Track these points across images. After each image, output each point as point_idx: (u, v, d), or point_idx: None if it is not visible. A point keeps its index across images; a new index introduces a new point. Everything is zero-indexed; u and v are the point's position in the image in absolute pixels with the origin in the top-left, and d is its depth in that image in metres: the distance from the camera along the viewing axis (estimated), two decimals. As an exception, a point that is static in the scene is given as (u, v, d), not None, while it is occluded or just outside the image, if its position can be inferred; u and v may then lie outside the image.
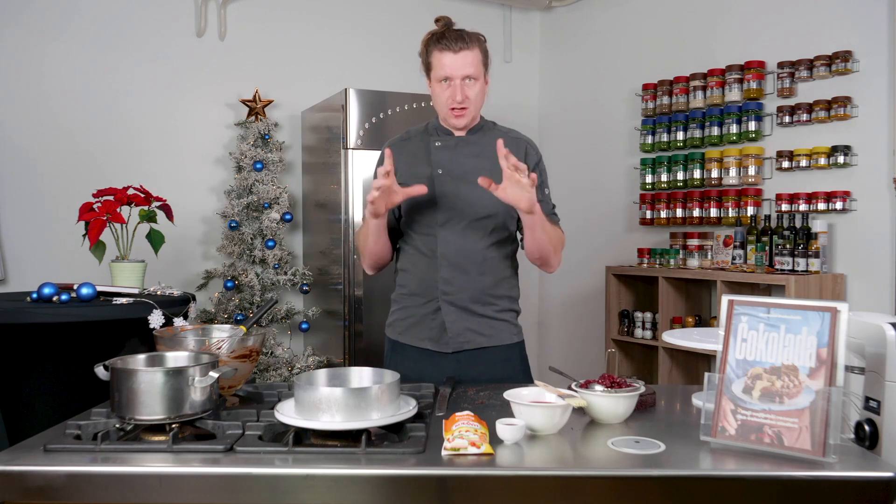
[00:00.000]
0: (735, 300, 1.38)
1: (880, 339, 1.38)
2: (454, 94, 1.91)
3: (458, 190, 1.96)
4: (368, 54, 4.45)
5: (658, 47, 4.25)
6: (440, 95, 1.94)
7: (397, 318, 2.06)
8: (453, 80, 1.90)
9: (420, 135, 2.06)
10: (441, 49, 1.89)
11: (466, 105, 1.92)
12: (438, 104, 1.97)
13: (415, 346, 2.00)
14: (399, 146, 2.04)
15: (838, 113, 3.31)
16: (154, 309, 2.40)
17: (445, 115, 1.97)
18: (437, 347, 1.98)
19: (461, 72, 1.89)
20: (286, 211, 3.88)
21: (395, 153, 1.96)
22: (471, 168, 1.95)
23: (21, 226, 3.64)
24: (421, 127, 2.09)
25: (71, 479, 1.22)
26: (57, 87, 3.72)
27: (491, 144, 1.96)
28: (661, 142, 4.10)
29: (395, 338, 2.06)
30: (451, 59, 1.89)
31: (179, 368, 1.40)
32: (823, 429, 1.23)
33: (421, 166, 1.99)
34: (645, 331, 4.01)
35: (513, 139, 2.02)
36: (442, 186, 1.96)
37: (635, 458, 1.27)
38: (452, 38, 1.89)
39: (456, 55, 1.88)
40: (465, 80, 1.90)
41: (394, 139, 2.09)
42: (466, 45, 1.89)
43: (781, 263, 3.43)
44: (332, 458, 1.27)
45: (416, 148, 2.03)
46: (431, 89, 1.98)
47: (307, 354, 3.88)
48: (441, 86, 1.93)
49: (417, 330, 2.00)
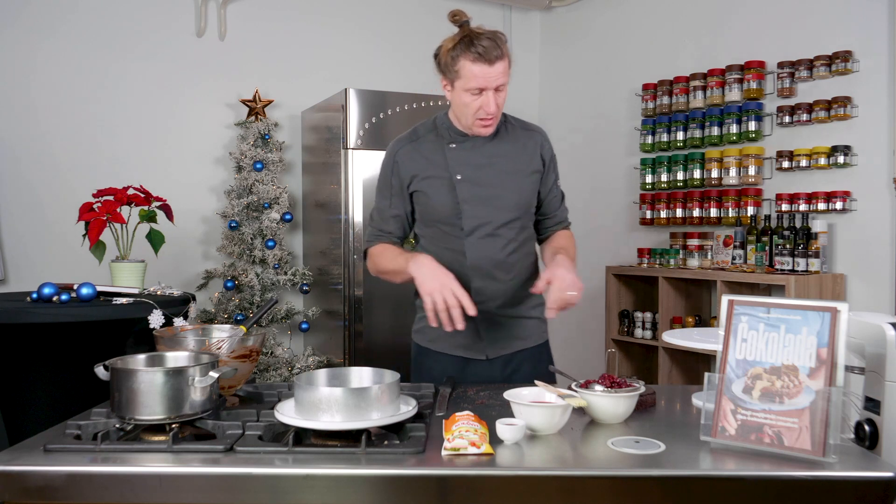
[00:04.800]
0: (735, 300, 1.37)
1: (880, 339, 1.38)
2: (486, 106, 1.79)
3: (480, 195, 1.88)
4: (368, 54, 4.45)
5: (658, 47, 4.25)
6: (468, 105, 1.80)
7: (425, 325, 1.95)
8: (486, 91, 1.77)
9: (430, 133, 1.95)
10: (475, 59, 1.74)
11: (496, 115, 1.83)
12: (464, 113, 1.83)
13: (447, 354, 1.96)
14: (411, 148, 1.94)
15: (838, 113, 3.30)
16: (154, 309, 2.39)
17: (470, 125, 1.85)
18: (470, 354, 1.94)
19: (495, 82, 1.77)
20: (286, 211, 3.88)
21: (408, 157, 1.90)
22: (491, 170, 1.89)
23: (21, 226, 3.64)
24: (429, 123, 1.97)
25: (71, 479, 1.22)
26: (57, 87, 3.72)
27: (508, 141, 1.93)
28: (661, 142, 4.10)
29: (424, 345, 2.01)
30: (486, 71, 1.74)
31: (179, 368, 1.40)
32: (823, 429, 1.23)
33: (438, 171, 1.90)
34: (645, 331, 4.00)
35: (527, 132, 1.97)
36: (463, 193, 1.88)
37: (635, 458, 1.27)
38: (487, 47, 1.74)
39: (492, 67, 1.74)
40: (496, 90, 1.79)
41: (402, 139, 1.97)
42: (501, 54, 1.75)
43: (781, 263, 3.43)
44: (332, 458, 1.26)
45: (429, 150, 1.92)
46: (454, 95, 1.83)
47: (307, 354, 3.88)
48: (470, 95, 1.78)
49: (450, 338, 1.93)
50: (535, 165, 1.95)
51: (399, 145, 1.96)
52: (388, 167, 1.95)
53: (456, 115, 1.90)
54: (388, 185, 1.95)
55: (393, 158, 1.94)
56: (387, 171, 1.96)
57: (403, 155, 1.93)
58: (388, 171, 1.95)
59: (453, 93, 1.83)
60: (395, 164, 1.93)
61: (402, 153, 1.93)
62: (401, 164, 1.92)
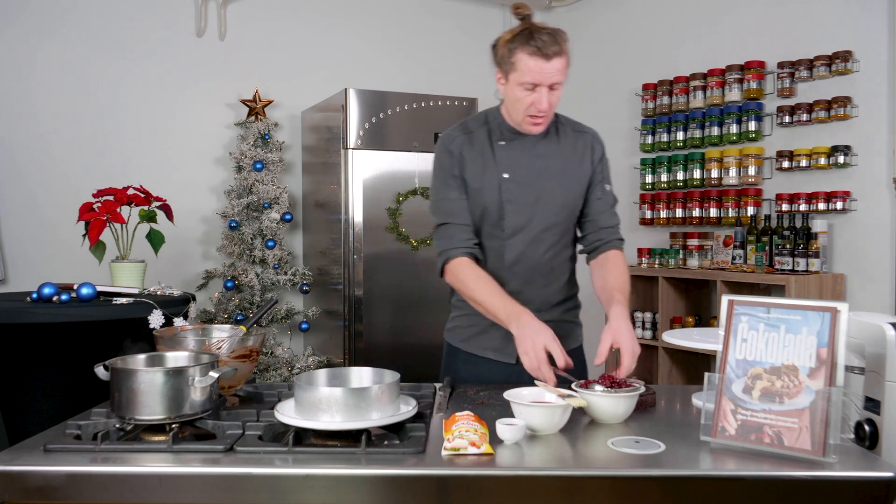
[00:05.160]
0: (735, 300, 1.37)
1: (880, 339, 1.38)
2: (538, 103, 1.74)
3: (525, 197, 1.84)
4: (369, 54, 4.45)
5: (658, 47, 4.25)
6: (520, 100, 1.75)
7: (459, 324, 1.96)
8: (540, 87, 1.73)
9: (481, 127, 1.90)
10: (532, 53, 1.69)
11: (548, 113, 1.78)
12: (515, 108, 1.79)
13: (478, 355, 1.93)
14: (465, 140, 1.88)
15: (838, 113, 3.30)
16: (154, 309, 2.39)
17: (521, 121, 1.80)
18: (500, 357, 1.90)
19: (551, 79, 1.72)
20: (286, 211, 3.88)
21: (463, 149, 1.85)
22: (539, 171, 1.85)
23: (21, 226, 3.64)
24: (480, 117, 1.92)
25: (71, 479, 1.22)
26: (57, 87, 3.72)
27: (558, 142, 1.88)
28: (661, 142, 4.10)
29: (456, 345, 1.97)
30: (542, 66, 1.70)
31: (179, 368, 1.40)
32: (823, 429, 1.23)
33: (487, 167, 1.85)
34: (645, 331, 4.00)
35: (578, 133, 1.93)
36: (509, 193, 1.84)
37: (635, 458, 1.27)
38: (546, 41, 1.69)
39: (548, 62, 1.69)
40: (551, 87, 1.74)
41: (454, 131, 1.91)
42: (560, 50, 1.71)
43: (781, 263, 3.43)
44: (332, 458, 1.26)
45: (480, 145, 1.87)
46: (507, 88, 1.79)
47: (307, 354, 3.88)
48: (523, 90, 1.74)
49: (481, 339, 1.91)
50: (585, 168, 1.90)
51: (452, 136, 1.90)
52: (446, 159, 1.88)
53: (507, 111, 1.85)
54: (452, 175, 1.87)
55: (448, 150, 1.88)
56: (446, 163, 1.88)
57: (458, 146, 1.87)
58: (448, 163, 1.88)
59: (507, 86, 1.78)
60: (452, 155, 1.87)
61: (456, 144, 1.88)
62: (457, 155, 1.87)
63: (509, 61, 1.74)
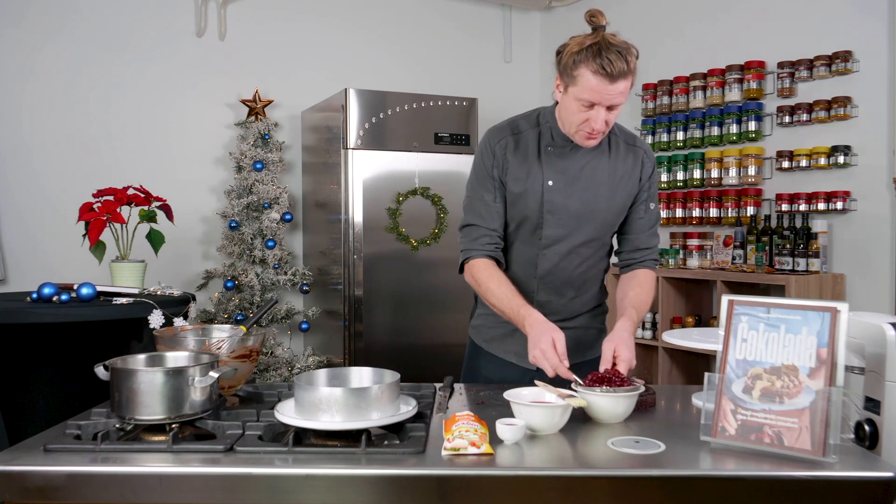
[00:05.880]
0: (735, 300, 1.37)
1: (880, 339, 1.38)
2: (593, 121, 1.66)
3: (567, 208, 1.79)
4: (369, 54, 4.45)
5: (658, 47, 4.25)
6: (575, 114, 1.68)
7: (484, 323, 1.94)
8: (598, 107, 1.64)
9: (531, 129, 1.83)
10: (596, 71, 1.59)
11: (604, 131, 1.70)
12: (569, 121, 1.71)
13: (500, 358, 1.91)
14: (511, 141, 1.81)
15: (838, 113, 3.30)
16: (154, 309, 2.39)
17: (573, 133, 1.73)
18: (521, 363, 1.87)
19: (610, 101, 1.63)
20: (286, 211, 3.88)
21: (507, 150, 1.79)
22: (585, 183, 1.79)
23: (21, 226, 3.64)
24: (532, 118, 1.85)
25: (71, 479, 1.22)
26: (57, 87, 3.72)
27: (609, 155, 1.82)
28: (661, 142, 4.10)
29: (480, 344, 1.96)
30: (604, 87, 1.60)
31: (179, 368, 1.40)
32: (823, 429, 1.23)
33: (533, 174, 1.79)
34: (645, 331, 4.00)
35: (630, 147, 1.86)
36: (551, 203, 1.78)
37: (635, 458, 1.27)
38: (612, 60, 1.58)
39: (612, 84, 1.60)
40: (609, 108, 1.65)
41: (501, 129, 1.85)
42: (626, 70, 1.60)
43: (781, 263, 3.43)
44: (332, 458, 1.26)
45: (527, 147, 1.81)
46: (564, 98, 1.71)
47: (307, 354, 3.89)
48: (579, 105, 1.65)
49: (504, 342, 1.90)
50: (632, 185, 1.85)
51: (498, 136, 1.83)
52: (487, 158, 1.82)
53: (561, 119, 1.77)
54: (490, 177, 1.82)
55: (492, 150, 1.82)
56: (486, 162, 1.82)
57: (503, 147, 1.82)
58: (489, 163, 1.82)
59: (564, 96, 1.70)
60: (495, 156, 1.81)
61: (501, 145, 1.81)
62: (500, 157, 1.81)
63: (572, 74, 1.64)
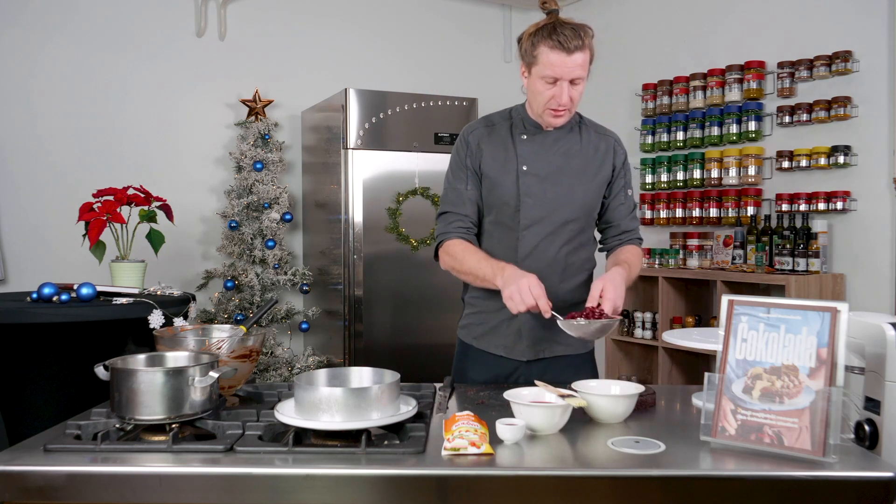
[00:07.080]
0: (735, 300, 1.37)
1: (880, 339, 1.38)
2: (559, 97, 1.77)
3: (543, 191, 1.86)
4: (369, 54, 4.45)
5: (658, 47, 4.25)
6: (541, 93, 1.78)
7: (471, 321, 1.97)
8: (560, 81, 1.75)
9: (504, 122, 1.93)
10: (553, 46, 1.73)
11: (569, 107, 1.81)
12: (536, 101, 1.82)
13: (488, 353, 1.94)
14: (484, 132, 1.92)
15: (838, 113, 3.30)
16: (154, 309, 2.39)
17: (542, 114, 1.83)
18: (510, 355, 1.90)
19: (571, 74, 1.74)
20: (286, 211, 3.88)
21: (481, 141, 1.88)
22: (559, 166, 1.87)
23: (21, 226, 3.64)
24: (504, 113, 1.96)
25: (71, 479, 1.22)
26: (57, 87, 3.72)
27: (580, 142, 1.91)
28: (661, 142, 4.10)
29: (468, 342, 1.98)
30: (563, 60, 1.72)
31: (179, 368, 1.40)
32: (823, 429, 1.23)
33: (507, 159, 1.88)
34: (645, 331, 4.00)
35: (601, 135, 1.96)
36: (527, 186, 1.86)
37: (635, 458, 1.27)
38: (568, 35, 1.73)
39: (569, 56, 1.72)
40: (572, 82, 1.76)
41: (475, 124, 1.96)
42: (581, 45, 1.74)
43: (781, 263, 3.43)
44: (332, 458, 1.26)
45: (501, 138, 1.91)
46: (529, 82, 1.82)
47: (307, 354, 3.89)
48: (544, 84, 1.77)
49: (492, 336, 1.93)
50: (605, 170, 1.93)
51: (472, 129, 1.94)
52: (461, 149, 1.92)
53: (530, 104, 1.88)
54: (464, 167, 1.91)
55: (465, 140, 1.92)
56: (461, 153, 1.93)
57: (476, 137, 1.90)
58: (463, 153, 1.92)
59: (529, 79, 1.82)
60: (468, 146, 1.90)
61: (474, 135, 1.91)
62: (473, 146, 1.90)
63: (532, 54, 1.77)
